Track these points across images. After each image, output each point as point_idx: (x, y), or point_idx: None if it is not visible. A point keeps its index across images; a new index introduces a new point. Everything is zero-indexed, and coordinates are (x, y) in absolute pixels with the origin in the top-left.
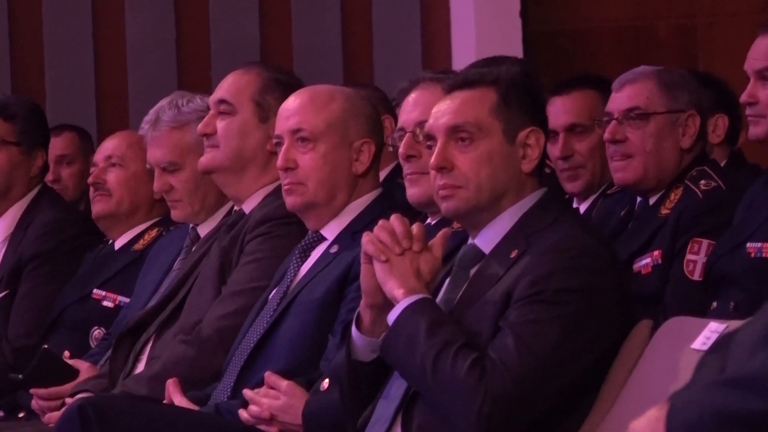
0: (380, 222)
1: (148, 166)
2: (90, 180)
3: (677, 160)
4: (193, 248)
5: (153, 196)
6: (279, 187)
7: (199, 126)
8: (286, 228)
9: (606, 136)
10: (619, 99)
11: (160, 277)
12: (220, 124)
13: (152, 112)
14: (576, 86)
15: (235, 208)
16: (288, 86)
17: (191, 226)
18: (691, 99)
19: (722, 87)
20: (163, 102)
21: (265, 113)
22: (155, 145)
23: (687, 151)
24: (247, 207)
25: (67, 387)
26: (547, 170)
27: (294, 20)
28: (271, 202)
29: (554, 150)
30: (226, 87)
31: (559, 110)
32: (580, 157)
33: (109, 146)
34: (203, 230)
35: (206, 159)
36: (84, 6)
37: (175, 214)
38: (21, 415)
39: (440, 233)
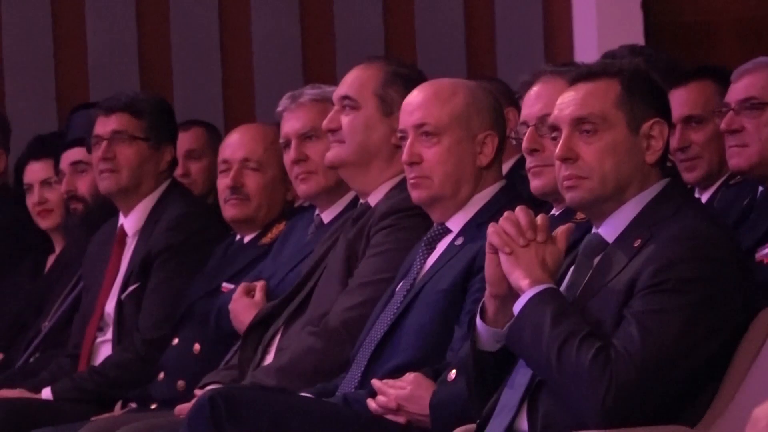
0: (505, 213)
1: (282, 140)
2: (229, 183)
3: None
4: (319, 235)
5: (285, 197)
6: (403, 180)
7: (324, 122)
8: (410, 220)
9: (722, 126)
10: (737, 89)
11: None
12: (345, 120)
13: (293, 92)
14: (692, 78)
15: (361, 201)
16: (410, 80)
17: (316, 213)
18: None
19: None
20: (306, 86)
21: (389, 107)
22: (295, 117)
23: None
24: (373, 200)
25: None
26: (669, 164)
27: (417, 13)
28: (395, 194)
29: (672, 141)
30: (349, 83)
31: (676, 102)
32: (697, 148)
33: (244, 146)
34: (327, 217)
35: (332, 154)
36: (210, 3)
37: (305, 189)
38: (153, 406)
39: (564, 227)
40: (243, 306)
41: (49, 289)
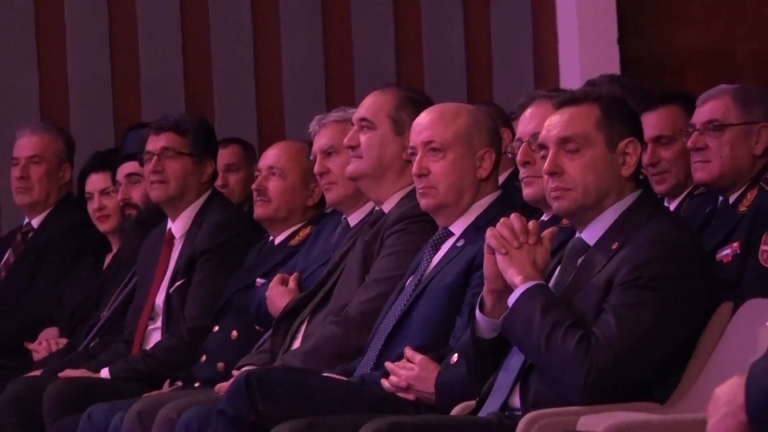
0: (501, 219)
1: (312, 157)
2: (254, 186)
3: (750, 165)
4: (345, 235)
5: (306, 202)
6: (413, 190)
7: (345, 140)
8: (419, 225)
9: (688, 144)
10: (701, 113)
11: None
12: (363, 138)
13: (321, 115)
14: (661, 103)
15: (376, 208)
16: (419, 104)
17: (343, 216)
18: (764, 112)
19: None
20: (332, 110)
21: (401, 127)
22: (321, 136)
23: (760, 157)
24: (386, 207)
25: None
26: (641, 177)
27: (425, 46)
28: (406, 203)
29: (644, 158)
30: (366, 106)
31: (647, 124)
32: (666, 164)
33: (272, 157)
34: (352, 220)
35: (352, 168)
36: (246, 37)
37: (330, 197)
38: (196, 385)
39: (548, 230)
40: (278, 293)
41: (107, 284)
